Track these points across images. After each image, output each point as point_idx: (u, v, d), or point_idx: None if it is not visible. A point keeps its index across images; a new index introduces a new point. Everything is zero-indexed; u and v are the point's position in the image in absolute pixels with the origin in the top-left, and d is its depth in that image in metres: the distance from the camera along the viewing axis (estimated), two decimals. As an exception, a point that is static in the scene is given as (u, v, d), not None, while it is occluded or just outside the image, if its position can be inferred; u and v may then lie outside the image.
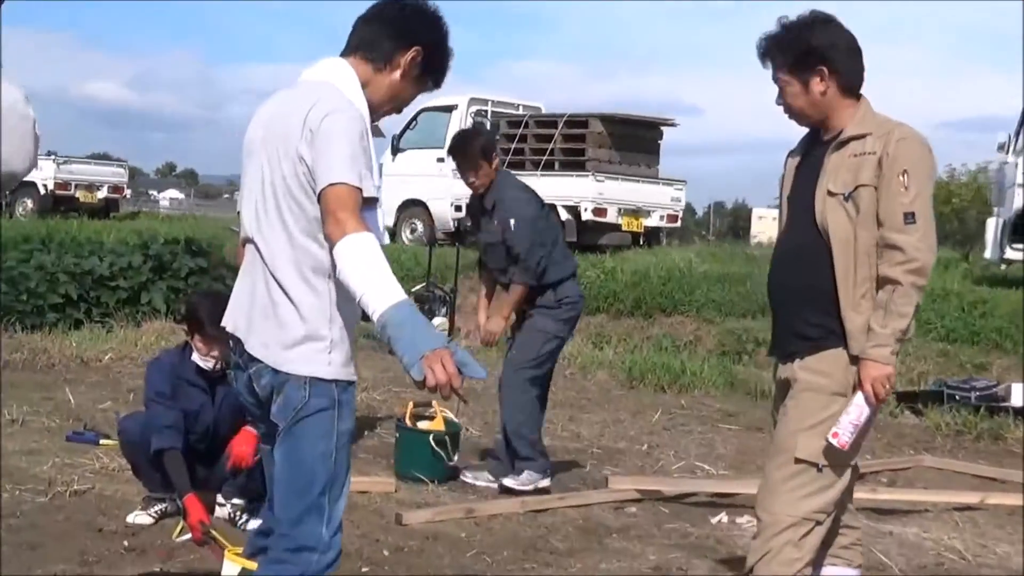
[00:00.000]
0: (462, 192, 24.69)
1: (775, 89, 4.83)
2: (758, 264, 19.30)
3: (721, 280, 17.66)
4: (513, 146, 24.77)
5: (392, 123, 32.81)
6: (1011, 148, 18.86)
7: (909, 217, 4.52)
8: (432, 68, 4.20)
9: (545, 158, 23.81)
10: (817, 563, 4.80)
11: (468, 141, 8.39)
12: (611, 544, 7.06)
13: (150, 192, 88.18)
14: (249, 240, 4.03)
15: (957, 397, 11.71)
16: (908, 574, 6.70)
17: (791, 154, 4.99)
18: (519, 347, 8.21)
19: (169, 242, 15.90)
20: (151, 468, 6.80)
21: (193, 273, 15.40)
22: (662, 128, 25.64)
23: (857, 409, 4.59)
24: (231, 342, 4.09)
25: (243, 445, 6.64)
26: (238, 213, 4.22)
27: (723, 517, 7.72)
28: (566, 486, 8.44)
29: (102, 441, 8.56)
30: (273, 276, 3.91)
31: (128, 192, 42.37)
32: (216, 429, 6.89)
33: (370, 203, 3.82)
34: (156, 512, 6.90)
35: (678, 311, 16.81)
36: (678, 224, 26.04)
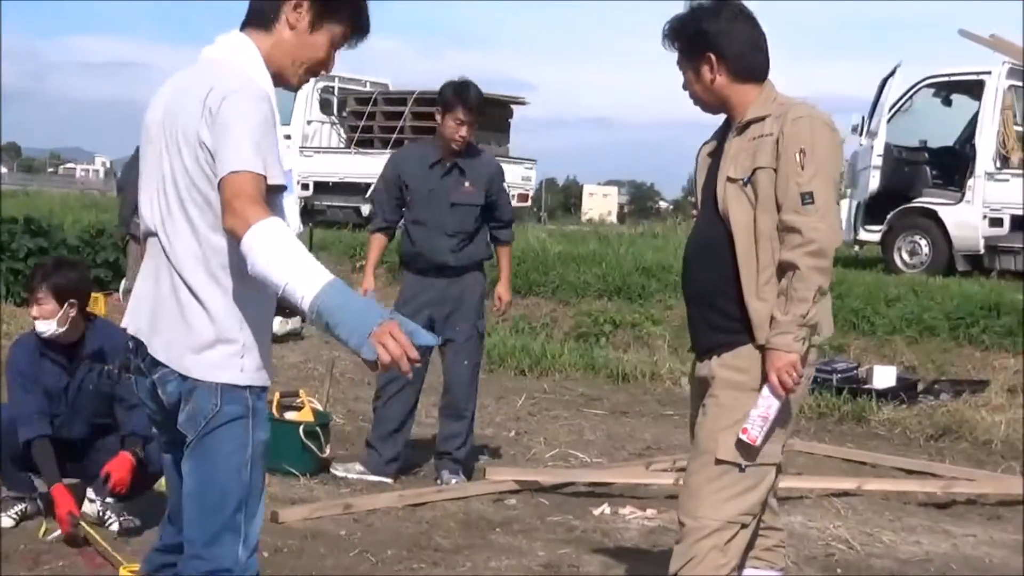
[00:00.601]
0: (309, 170, 24.62)
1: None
2: (611, 244, 19.29)
3: (576, 260, 17.52)
4: (362, 124, 24.50)
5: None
6: (864, 130, 19.02)
7: (807, 197, 4.32)
8: (328, 12, 3.76)
9: (395, 136, 23.50)
10: (739, 565, 4.61)
11: (463, 89, 8.05)
12: (496, 540, 6.86)
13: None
14: (152, 234, 3.70)
15: (818, 379, 11.64)
16: (800, 566, 6.57)
17: (704, 144, 4.80)
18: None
19: (7, 221, 15.29)
20: (11, 464, 6.45)
21: (32, 254, 14.82)
22: (512, 107, 25.53)
23: (765, 401, 4.40)
24: (131, 344, 3.75)
25: (120, 471, 6.29)
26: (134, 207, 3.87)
27: (606, 508, 7.56)
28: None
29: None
30: (179, 275, 3.59)
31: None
32: (75, 412, 6.53)
33: (277, 190, 3.54)
34: (16, 514, 6.56)
35: (533, 292, 16.65)
36: (528, 203, 25.98)
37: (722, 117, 4.73)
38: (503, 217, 8.25)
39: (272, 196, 3.50)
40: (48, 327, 6.35)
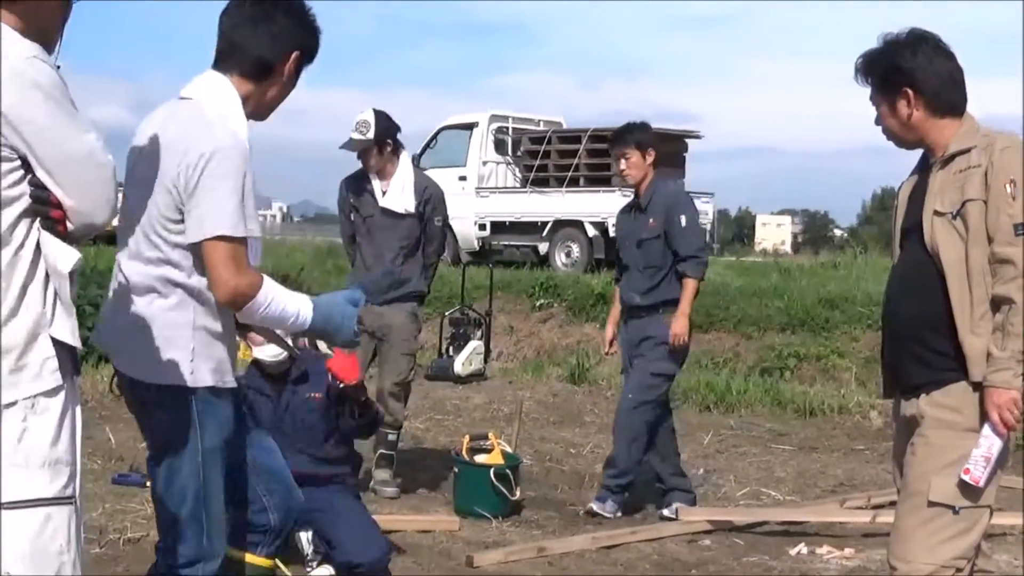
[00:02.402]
0: (486, 210, 24.77)
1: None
2: (792, 276, 19.04)
3: (756, 294, 17.38)
4: (537, 162, 24.52)
5: (410, 142, 32.60)
6: None
7: (1020, 228, 4.16)
8: (308, 60, 4.19)
9: (570, 174, 23.51)
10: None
11: (626, 129, 8.38)
12: (694, 583, 6.72)
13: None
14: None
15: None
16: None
17: (904, 182, 4.65)
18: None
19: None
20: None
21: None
22: (686, 140, 25.37)
23: (987, 441, 4.23)
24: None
25: (342, 361, 6.31)
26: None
27: (802, 548, 7.40)
28: (632, 517, 8.14)
29: (149, 483, 8.19)
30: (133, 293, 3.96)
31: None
32: (289, 446, 6.38)
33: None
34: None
35: (715, 327, 16.50)
36: (706, 238, 25.71)
37: (914, 155, 4.59)
38: (682, 249, 8.10)
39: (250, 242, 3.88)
40: (278, 357, 6.34)
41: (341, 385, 6.33)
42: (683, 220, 8.04)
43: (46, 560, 3.24)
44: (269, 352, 6.34)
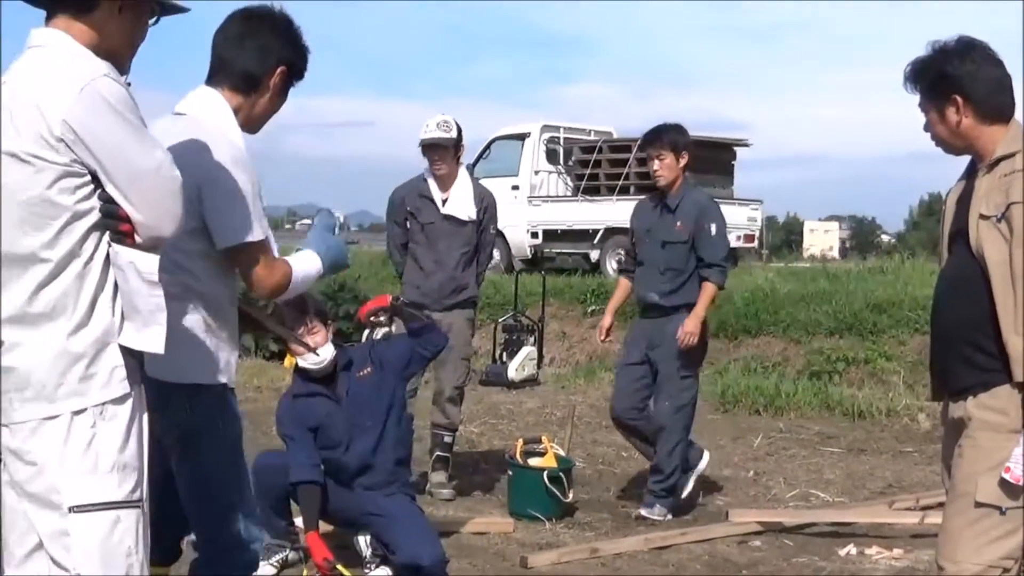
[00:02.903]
0: (538, 219, 24.81)
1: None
2: (840, 281, 18.94)
3: (805, 299, 17.32)
4: (588, 172, 24.55)
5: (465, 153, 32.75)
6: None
7: None
8: (297, 76, 4.35)
9: (620, 183, 23.50)
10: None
11: (662, 129, 8.29)
12: (745, 583, 6.73)
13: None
14: None
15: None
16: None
17: (952, 188, 4.64)
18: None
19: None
20: (275, 511, 6.58)
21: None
22: (735, 149, 25.33)
23: None
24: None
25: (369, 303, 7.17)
26: None
27: (851, 549, 7.39)
28: (683, 519, 8.14)
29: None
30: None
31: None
32: (353, 431, 6.59)
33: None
34: (277, 562, 6.65)
35: (764, 332, 16.48)
36: (755, 244, 25.60)
37: (962, 161, 4.58)
38: (708, 258, 8.11)
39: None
40: (328, 352, 6.48)
41: (381, 311, 7.01)
42: (713, 228, 8.05)
43: (115, 561, 3.32)
44: (314, 360, 6.47)
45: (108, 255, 3.29)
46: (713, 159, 24.44)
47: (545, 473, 8.04)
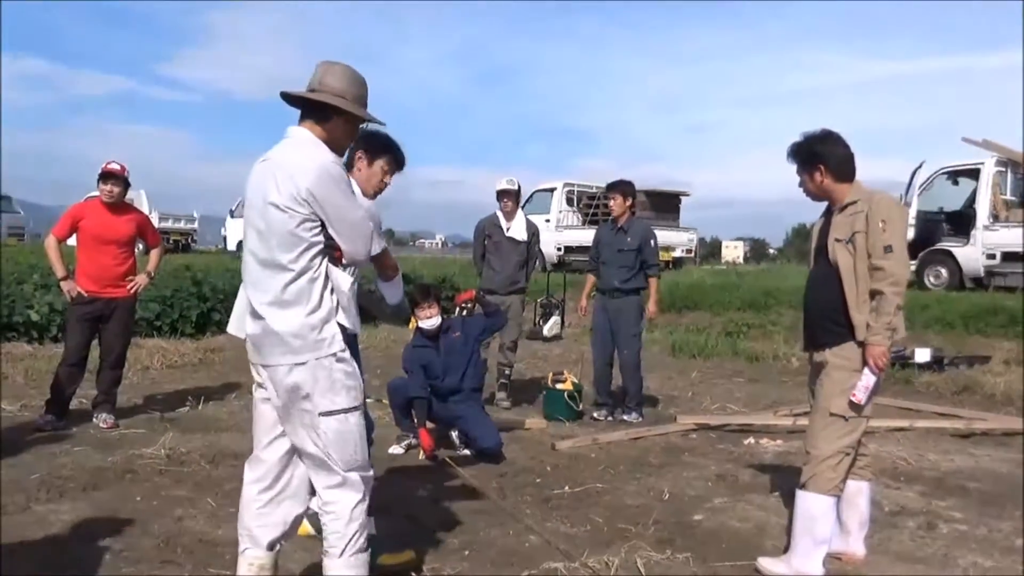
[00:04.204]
0: (561, 239, 24.63)
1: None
2: (744, 278, 18.70)
3: (723, 288, 17.10)
4: (591, 211, 24.43)
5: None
6: (903, 201, 18.10)
7: (888, 248, 4.07)
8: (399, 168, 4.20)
9: (611, 217, 23.26)
10: (844, 479, 4.32)
11: (617, 182, 8.15)
12: (686, 459, 6.64)
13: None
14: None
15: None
16: (878, 476, 6.16)
17: (816, 221, 4.55)
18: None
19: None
20: (402, 414, 6.53)
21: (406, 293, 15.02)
22: (681, 197, 25.13)
23: (867, 377, 4.15)
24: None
25: (464, 294, 7.18)
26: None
27: (751, 440, 7.26)
28: (650, 421, 8.00)
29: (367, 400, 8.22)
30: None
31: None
32: (448, 369, 6.54)
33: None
34: (405, 445, 6.61)
35: (698, 308, 16.22)
36: (692, 255, 25.44)
37: (821, 205, 4.49)
38: (649, 261, 7.98)
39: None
40: (435, 322, 6.50)
41: (469, 299, 7.12)
42: (652, 243, 7.94)
43: (347, 445, 3.33)
44: (429, 323, 6.44)
45: (327, 269, 3.30)
46: (667, 203, 24.36)
47: (566, 393, 7.97)
